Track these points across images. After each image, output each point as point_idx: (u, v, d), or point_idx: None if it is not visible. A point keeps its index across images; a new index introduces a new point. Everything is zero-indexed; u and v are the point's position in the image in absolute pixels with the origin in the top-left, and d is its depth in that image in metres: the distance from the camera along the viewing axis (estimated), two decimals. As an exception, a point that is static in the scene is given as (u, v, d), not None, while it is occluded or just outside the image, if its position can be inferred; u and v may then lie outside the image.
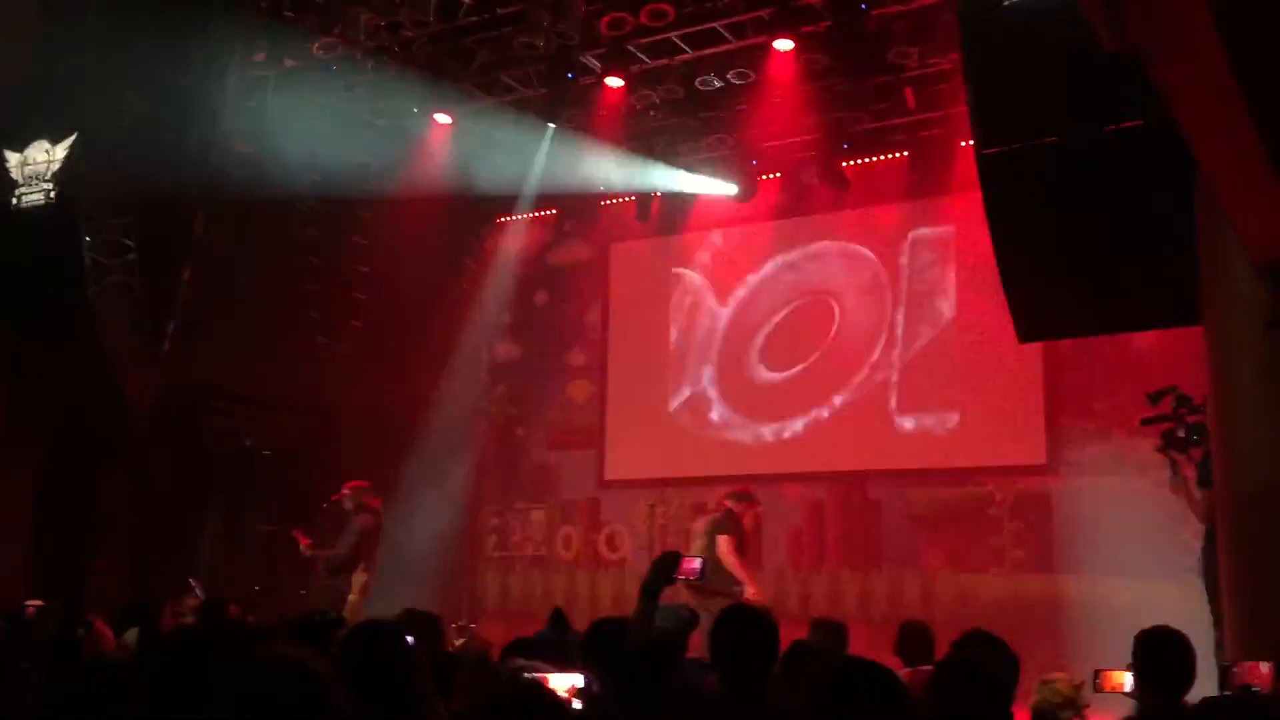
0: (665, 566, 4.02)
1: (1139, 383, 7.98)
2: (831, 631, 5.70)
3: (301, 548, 9.23)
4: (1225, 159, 4.47)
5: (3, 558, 8.74)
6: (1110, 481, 10.09)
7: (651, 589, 3.98)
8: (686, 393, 12.57)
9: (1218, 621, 6.01)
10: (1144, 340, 9.67)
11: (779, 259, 12.26)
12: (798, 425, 11.85)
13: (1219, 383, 5.81)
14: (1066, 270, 6.42)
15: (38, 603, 4.59)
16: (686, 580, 4.16)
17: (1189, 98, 4.00)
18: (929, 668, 4.89)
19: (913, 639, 5.41)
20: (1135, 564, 9.59)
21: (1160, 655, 3.92)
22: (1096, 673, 4.11)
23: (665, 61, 10.66)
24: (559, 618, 5.38)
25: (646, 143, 12.32)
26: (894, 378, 11.49)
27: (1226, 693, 3.80)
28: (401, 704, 2.91)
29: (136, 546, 9.42)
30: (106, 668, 2.78)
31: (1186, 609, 6.70)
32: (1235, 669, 3.95)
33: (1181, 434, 6.51)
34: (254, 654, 2.08)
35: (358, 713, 2.75)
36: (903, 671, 4.97)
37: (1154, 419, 6.76)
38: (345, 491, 9.48)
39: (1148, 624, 4.08)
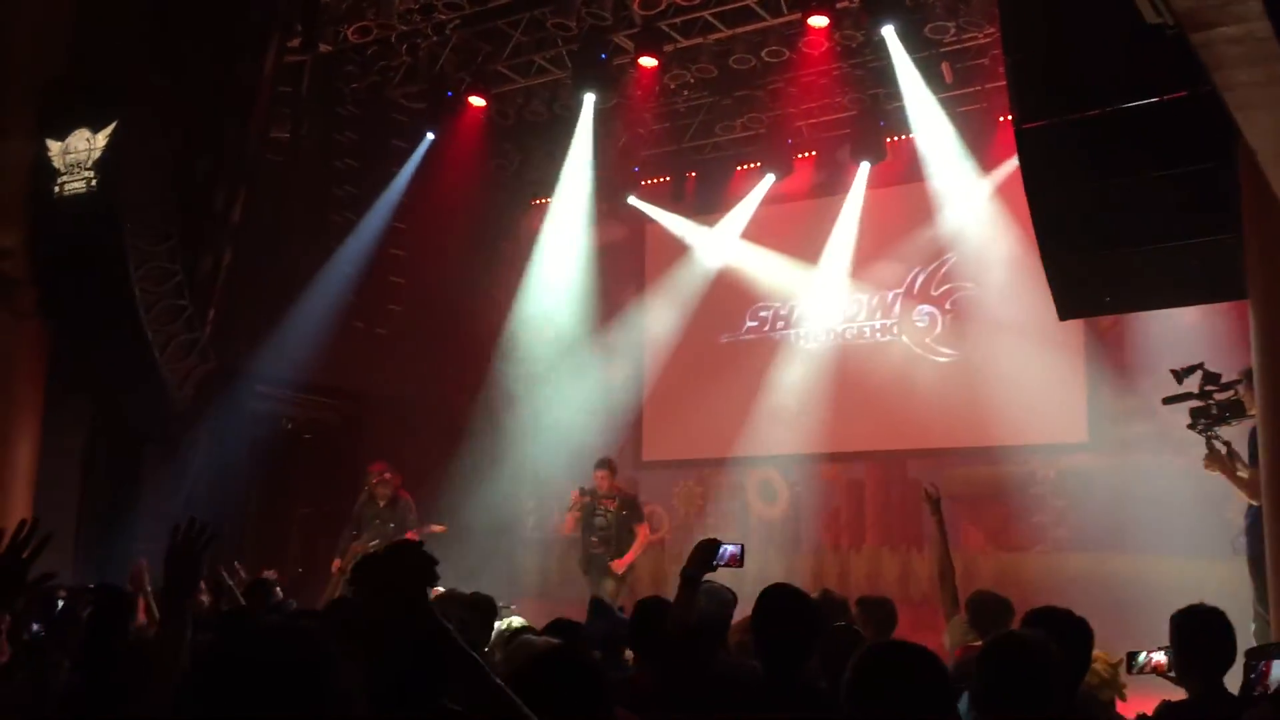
0: (706, 553, 4.00)
1: (1183, 359, 7.87)
2: (879, 610, 5.64)
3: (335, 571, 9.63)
4: (1268, 128, 4.39)
5: (49, 544, 8.87)
6: (1153, 459, 9.98)
7: (692, 576, 3.96)
8: (724, 372, 12.54)
9: (1262, 601, 5.91)
10: (1188, 316, 9.54)
11: (816, 236, 12.17)
12: (835, 403, 11.78)
13: (1266, 358, 5.72)
14: (1108, 246, 6.33)
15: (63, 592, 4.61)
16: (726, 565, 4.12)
17: (1231, 66, 3.92)
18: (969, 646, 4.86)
19: (986, 609, 5.29)
20: (1178, 542, 9.49)
21: (1199, 634, 3.87)
22: (1130, 654, 4.05)
23: (699, 40, 10.63)
24: (598, 606, 5.39)
25: (681, 122, 12.30)
26: (932, 355, 11.42)
27: None
28: (428, 690, 2.91)
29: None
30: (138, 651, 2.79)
31: (1230, 587, 6.62)
32: None
33: (1215, 411, 6.38)
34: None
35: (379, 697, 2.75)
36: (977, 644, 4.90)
37: (1176, 398, 6.65)
38: (379, 480, 9.79)
39: (1191, 603, 4.02)
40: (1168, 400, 6.82)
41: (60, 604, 3.58)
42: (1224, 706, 3.68)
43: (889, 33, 9.77)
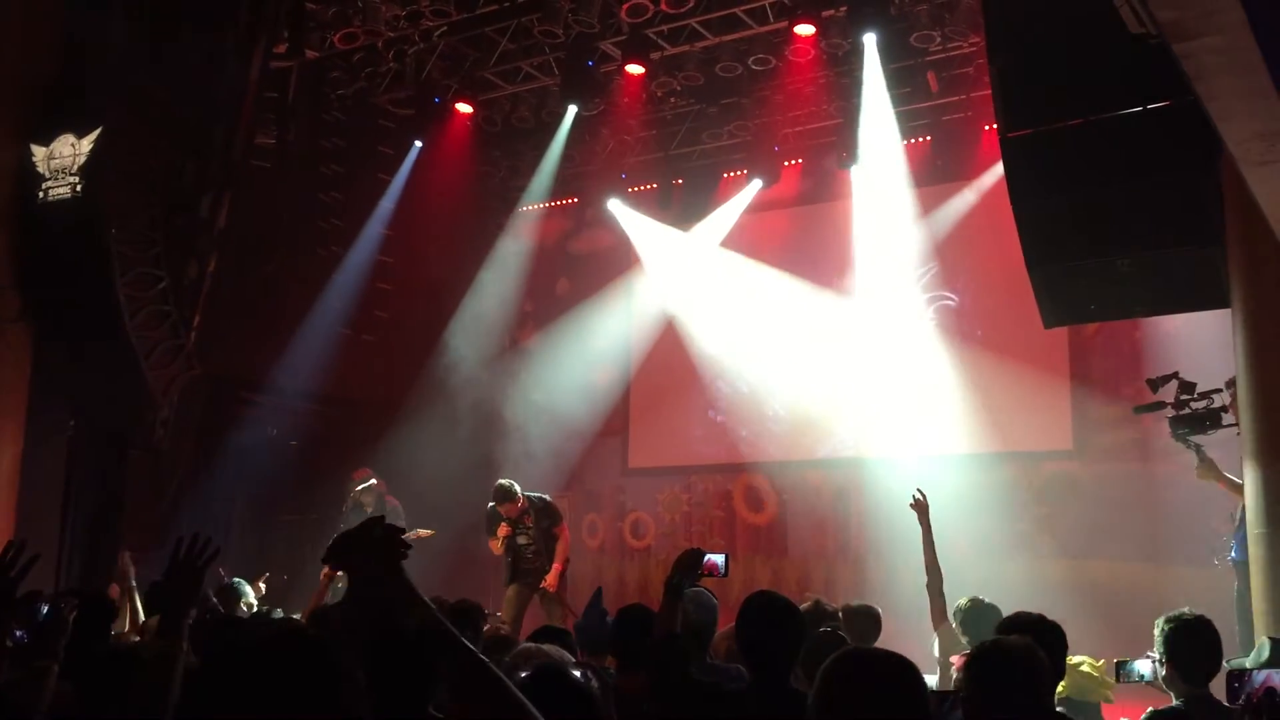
0: (690, 564, 4.00)
1: (1167, 367, 7.93)
2: (857, 617, 5.66)
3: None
4: (1250, 138, 4.42)
5: (32, 548, 8.82)
6: (1137, 466, 10.03)
7: (677, 586, 3.96)
8: (710, 380, 12.55)
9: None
10: (1171, 324, 9.59)
11: (802, 244, 12.20)
12: (821, 411, 11.81)
13: (1249, 366, 5.75)
14: (1092, 254, 6.36)
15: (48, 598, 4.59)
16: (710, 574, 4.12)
17: (1213, 76, 3.95)
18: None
19: (975, 616, 5.28)
20: (1162, 549, 9.53)
21: (1185, 641, 3.88)
22: (1119, 663, 4.06)
23: (686, 48, 10.65)
24: (597, 599, 5.37)
25: (668, 130, 12.32)
26: (916, 363, 11.43)
27: None
28: (419, 697, 2.90)
29: (162, 538, 9.49)
30: (128, 657, 2.78)
31: (1213, 595, 6.65)
32: None
33: (1194, 420, 6.41)
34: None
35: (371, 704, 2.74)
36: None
37: (1148, 406, 6.69)
38: (365, 487, 9.70)
39: (1174, 609, 4.04)
40: (1139, 409, 6.87)
41: (44, 609, 3.55)
42: (1211, 713, 3.69)
43: (869, 41, 9.82)
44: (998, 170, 8.73)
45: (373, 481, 10.05)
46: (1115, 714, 4.51)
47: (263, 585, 7.50)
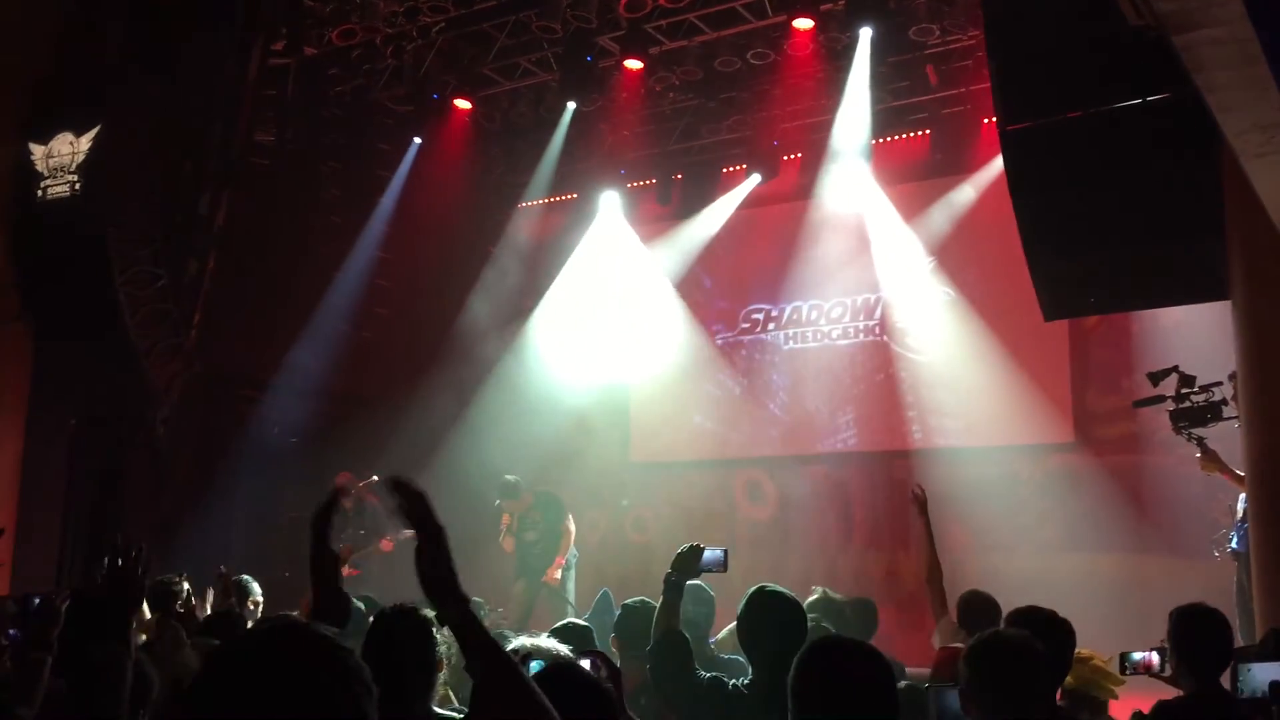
0: (690, 558, 4.00)
1: (1168, 359, 7.94)
2: (860, 611, 5.67)
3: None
4: (1249, 129, 4.41)
5: (33, 548, 8.83)
6: (1138, 459, 10.03)
7: (676, 581, 3.96)
8: (711, 374, 12.54)
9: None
10: (1171, 316, 9.59)
11: (802, 239, 12.18)
12: (822, 406, 11.81)
13: (1248, 358, 5.75)
14: (1092, 247, 6.36)
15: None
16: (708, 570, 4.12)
17: (1212, 68, 3.94)
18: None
19: (974, 609, 5.28)
20: (1164, 542, 9.53)
21: (1197, 633, 3.87)
22: (1123, 655, 4.06)
23: (684, 43, 10.63)
24: (605, 600, 5.40)
25: (667, 125, 12.30)
26: (918, 357, 11.43)
27: None
28: (419, 694, 2.91)
29: (164, 536, 9.50)
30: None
31: (1215, 587, 6.65)
32: None
33: (1195, 413, 6.41)
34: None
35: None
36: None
37: (1147, 400, 6.69)
38: (352, 491, 9.82)
39: (1176, 602, 4.04)
40: (1139, 403, 6.88)
41: (37, 601, 3.55)
42: (1220, 706, 3.69)
43: (864, 34, 9.80)
44: (997, 164, 8.73)
45: (374, 479, 10.06)
46: (1123, 708, 4.51)
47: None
